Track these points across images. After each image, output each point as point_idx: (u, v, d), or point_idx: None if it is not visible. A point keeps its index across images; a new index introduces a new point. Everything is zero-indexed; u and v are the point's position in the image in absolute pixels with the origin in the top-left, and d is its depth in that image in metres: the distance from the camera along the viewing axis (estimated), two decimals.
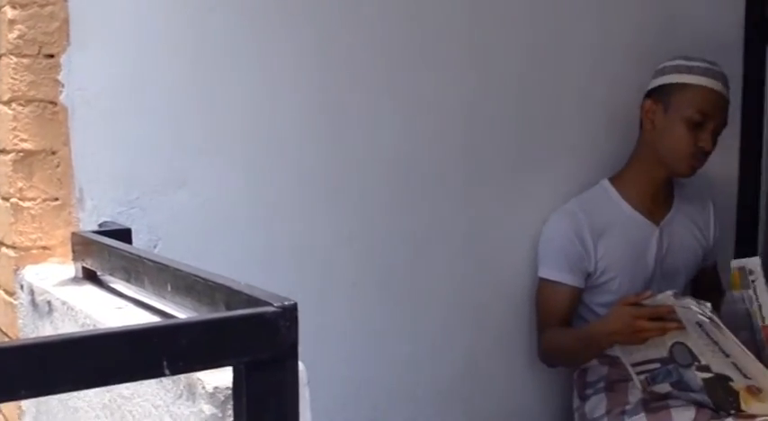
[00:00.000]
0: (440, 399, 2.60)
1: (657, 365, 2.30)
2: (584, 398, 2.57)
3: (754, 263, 2.40)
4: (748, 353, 2.13)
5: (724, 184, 3.05)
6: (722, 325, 2.10)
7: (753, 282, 2.37)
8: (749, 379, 2.17)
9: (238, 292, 1.14)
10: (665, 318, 2.19)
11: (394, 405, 2.53)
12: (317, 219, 2.38)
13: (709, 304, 2.12)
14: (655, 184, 2.61)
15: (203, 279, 1.24)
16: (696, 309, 2.10)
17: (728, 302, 2.50)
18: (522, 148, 2.66)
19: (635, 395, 2.42)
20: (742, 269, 2.40)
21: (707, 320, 2.09)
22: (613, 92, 2.77)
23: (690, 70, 2.51)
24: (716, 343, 2.14)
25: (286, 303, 1.05)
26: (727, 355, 2.15)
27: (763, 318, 2.34)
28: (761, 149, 3.12)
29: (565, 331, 2.54)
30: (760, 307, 2.36)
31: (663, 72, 2.56)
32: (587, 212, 2.58)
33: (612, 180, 2.65)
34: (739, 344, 2.13)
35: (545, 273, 2.60)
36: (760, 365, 2.14)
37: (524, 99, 2.65)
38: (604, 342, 2.39)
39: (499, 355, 2.69)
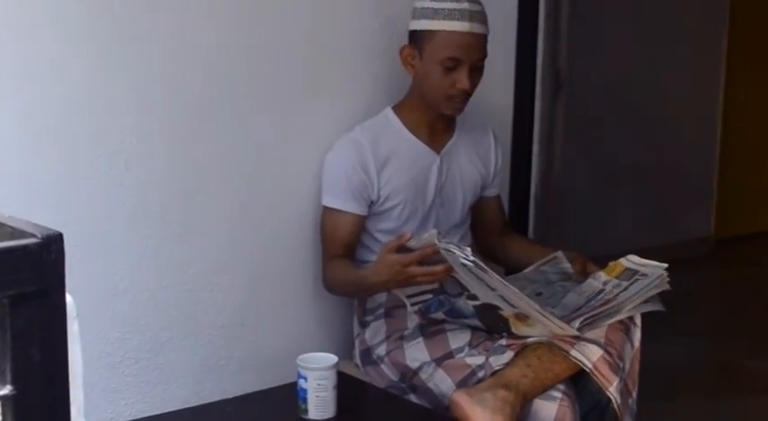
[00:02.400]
0: (222, 329, 2.59)
1: (430, 296, 2.35)
2: (364, 325, 2.61)
3: (653, 272, 2.34)
4: (512, 288, 2.19)
5: (501, 114, 3.13)
6: (485, 266, 2.15)
7: (637, 280, 2.34)
8: (516, 307, 2.25)
9: (1, 225, 1.09)
10: (432, 260, 2.21)
11: (175, 337, 2.51)
12: (92, 147, 2.31)
13: (468, 249, 2.17)
14: (432, 115, 2.63)
15: None
16: (459, 254, 2.14)
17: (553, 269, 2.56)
18: (303, 78, 2.65)
19: (413, 320, 2.47)
20: (633, 270, 2.36)
21: (470, 264, 2.14)
22: (393, 19, 2.78)
23: (435, 14, 2.50)
24: (481, 280, 2.20)
25: (51, 234, 1.01)
26: (493, 289, 2.22)
27: (614, 298, 2.32)
28: (534, 79, 3.21)
29: (345, 269, 2.55)
30: (622, 292, 2.33)
31: (414, 15, 2.56)
32: (371, 140, 2.59)
33: (395, 108, 2.67)
34: (503, 281, 2.20)
35: (329, 201, 2.60)
36: (525, 298, 2.21)
37: (305, 29, 2.64)
38: (379, 289, 2.42)
39: (282, 284, 2.70)
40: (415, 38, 2.55)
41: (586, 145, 5.04)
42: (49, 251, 1.00)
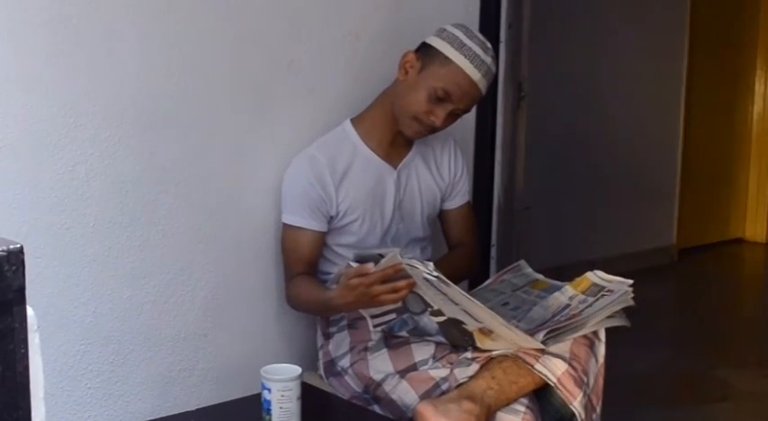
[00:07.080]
0: (185, 341, 2.58)
1: (394, 315, 2.35)
2: (327, 337, 2.61)
3: (619, 288, 2.37)
4: (476, 301, 2.20)
5: (463, 127, 3.12)
6: (448, 280, 2.15)
7: (603, 296, 2.36)
8: (480, 322, 2.25)
9: None
10: (394, 278, 2.21)
11: (137, 349, 2.49)
12: (53, 158, 2.29)
13: (431, 264, 2.17)
14: (393, 128, 2.62)
15: None
16: (422, 269, 2.15)
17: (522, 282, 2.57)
18: (262, 91, 2.64)
19: (377, 332, 2.47)
20: (600, 286, 2.39)
21: (434, 278, 2.15)
22: (359, 35, 2.79)
23: (461, 48, 2.48)
24: (444, 294, 2.20)
25: (11, 247, 1.00)
26: (457, 304, 2.22)
27: (579, 313, 2.33)
28: (496, 90, 3.22)
29: (309, 288, 2.54)
30: (587, 308, 2.34)
31: (441, 34, 2.54)
32: (328, 156, 2.58)
33: (354, 122, 2.66)
34: (466, 295, 2.20)
35: (288, 219, 2.59)
36: (488, 311, 2.21)
37: (263, 41, 2.63)
38: (344, 310, 2.42)
39: (245, 295, 2.69)
40: (428, 52, 2.53)
41: (550, 157, 5.06)
42: (10, 263, 0.99)
